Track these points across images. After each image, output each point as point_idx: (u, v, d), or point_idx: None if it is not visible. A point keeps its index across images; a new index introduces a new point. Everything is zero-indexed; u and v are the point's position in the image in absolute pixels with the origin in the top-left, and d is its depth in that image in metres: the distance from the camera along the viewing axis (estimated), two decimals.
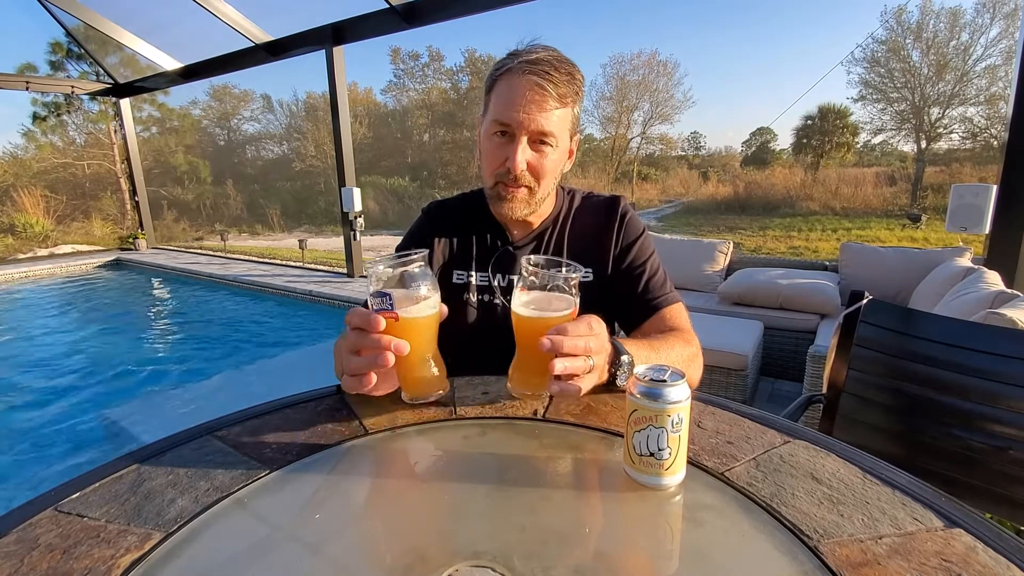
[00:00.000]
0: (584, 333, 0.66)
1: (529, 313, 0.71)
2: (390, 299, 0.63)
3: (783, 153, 21.70)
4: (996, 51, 14.72)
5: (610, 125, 21.26)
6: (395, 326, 0.64)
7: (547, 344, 0.64)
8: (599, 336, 0.69)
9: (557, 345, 0.64)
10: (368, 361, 0.64)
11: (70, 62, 12.26)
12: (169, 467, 0.62)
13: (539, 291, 0.71)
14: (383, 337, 0.63)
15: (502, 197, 0.94)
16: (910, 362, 1.11)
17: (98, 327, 5.59)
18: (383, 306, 0.63)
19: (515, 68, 0.88)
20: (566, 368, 0.65)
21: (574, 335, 0.65)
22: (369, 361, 0.64)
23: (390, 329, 0.64)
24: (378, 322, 0.63)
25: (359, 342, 0.65)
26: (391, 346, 0.63)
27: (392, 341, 0.63)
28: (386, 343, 0.63)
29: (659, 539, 0.52)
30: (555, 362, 0.64)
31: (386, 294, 0.63)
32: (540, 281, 0.71)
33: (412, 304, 0.66)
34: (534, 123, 0.88)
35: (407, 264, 0.67)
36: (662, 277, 1.02)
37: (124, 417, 3.11)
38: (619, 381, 0.74)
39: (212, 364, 4.34)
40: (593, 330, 0.68)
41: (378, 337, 0.63)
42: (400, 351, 0.63)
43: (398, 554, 0.49)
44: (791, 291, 3.24)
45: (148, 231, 9.81)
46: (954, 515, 0.51)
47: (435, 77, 22.26)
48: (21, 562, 0.46)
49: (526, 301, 0.71)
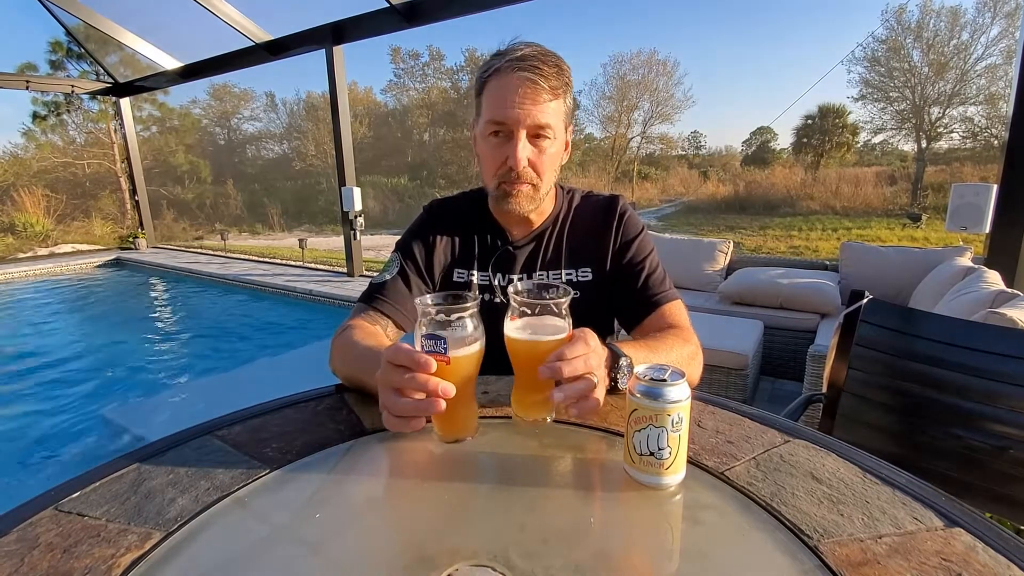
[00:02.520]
0: (581, 352, 0.64)
1: (525, 337, 0.68)
2: (444, 344, 0.61)
3: (783, 152, 21.68)
4: (996, 50, 14.71)
5: (610, 124, 21.26)
6: (443, 369, 0.62)
7: (546, 373, 0.62)
8: (597, 351, 0.67)
9: (557, 372, 0.62)
10: (417, 405, 0.62)
11: (70, 61, 12.27)
12: (169, 466, 0.62)
13: (530, 317, 0.69)
14: (431, 380, 0.61)
15: (507, 194, 0.94)
16: (910, 362, 1.11)
17: (98, 326, 5.60)
18: (436, 349, 0.61)
19: (503, 68, 0.88)
20: (566, 397, 0.63)
21: (572, 356, 0.63)
22: (418, 405, 0.62)
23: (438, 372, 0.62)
24: (429, 365, 0.60)
25: (403, 382, 0.62)
26: (439, 391, 0.61)
27: (440, 385, 0.61)
28: (434, 387, 0.61)
29: (659, 538, 0.52)
30: (553, 392, 0.63)
31: (440, 338, 0.61)
32: (531, 309, 0.69)
33: (463, 347, 0.64)
34: (530, 117, 0.88)
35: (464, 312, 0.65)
36: (661, 275, 1.02)
37: (124, 417, 3.12)
38: (620, 385, 0.74)
39: (212, 363, 4.34)
40: (590, 347, 0.66)
41: (426, 379, 0.61)
42: (447, 394, 0.61)
43: (398, 553, 0.49)
44: (791, 291, 3.24)
45: (148, 230, 9.81)
46: (954, 514, 0.51)
47: (435, 76, 22.24)
48: (21, 561, 0.46)
49: (519, 326, 0.69)
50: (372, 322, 0.95)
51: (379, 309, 0.97)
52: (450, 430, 0.68)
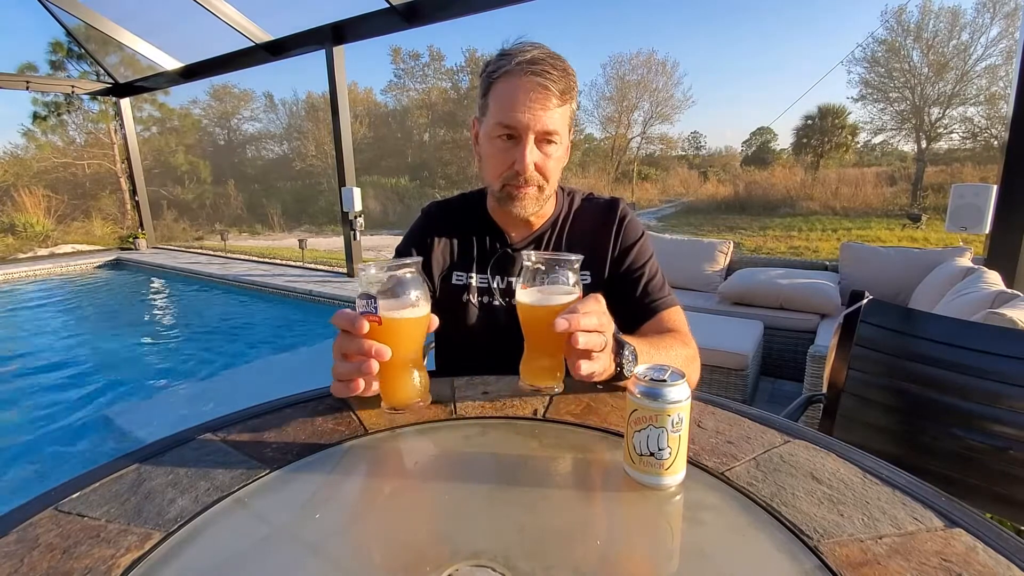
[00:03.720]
0: (595, 308, 0.68)
1: (535, 300, 0.72)
2: (374, 302, 0.62)
3: (783, 153, 21.70)
4: (996, 51, 14.73)
5: (610, 125, 21.30)
6: (378, 330, 0.63)
7: (562, 324, 0.64)
8: (607, 313, 0.71)
9: (573, 322, 0.64)
10: (353, 367, 0.64)
11: (70, 62, 12.28)
12: (169, 467, 0.62)
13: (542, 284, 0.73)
14: (365, 341, 0.62)
15: (512, 197, 0.94)
16: (910, 362, 1.11)
17: (98, 327, 5.60)
18: (367, 309, 0.62)
19: (513, 70, 0.87)
20: (587, 342, 0.65)
21: (585, 311, 0.66)
22: (353, 368, 0.64)
23: (374, 333, 0.63)
24: (361, 325, 0.62)
25: (344, 345, 0.65)
26: (372, 351, 0.62)
27: (373, 345, 0.62)
28: (368, 347, 0.62)
29: (659, 539, 0.52)
30: (577, 335, 0.65)
31: (371, 297, 0.62)
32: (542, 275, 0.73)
33: (397, 309, 0.65)
34: (540, 123, 0.88)
35: (398, 269, 0.66)
36: (660, 280, 1.02)
37: (124, 417, 3.12)
38: (626, 371, 0.75)
39: (212, 364, 4.34)
40: (602, 305, 0.70)
41: (361, 341, 0.62)
42: (381, 356, 0.62)
43: (398, 554, 0.49)
44: (791, 291, 3.23)
45: (148, 231, 9.81)
46: (954, 515, 0.51)
47: (435, 77, 22.25)
48: (21, 562, 0.46)
49: (532, 291, 0.73)
50: None
51: None
52: (389, 396, 0.68)
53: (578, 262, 0.73)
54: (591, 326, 0.66)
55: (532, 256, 0.74)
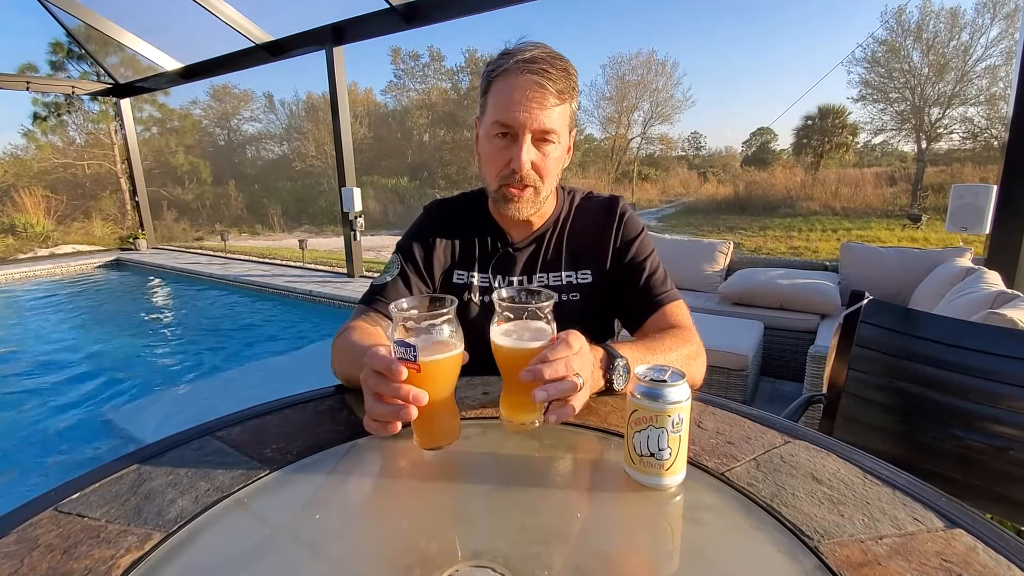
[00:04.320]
0: (563, 355, 0.64)
1: (508, 344, 0.69)
2: (414, 351, 0.61)
3: (783, 153, 21.70)
4: (996, 51, 14.72)
5: (610, 125, 21.29)
6: (416, 376, 0.62)
7: (527, 376, 0.62)
8: (580, 353, 0.67)
9: (538, 375, 0.62)
10: (391, 411, 0.63)
11: (70, 62, 12.27)
12: (169, 467, 0.62)
13: (515, 322, 0.70)
14: (403, 387, 0.61)
15: (508, 199, 0.94)
16: (910, 362, 1.11)
17: (98, 327, 5.59)
18: (406, 356, 0.61)
19: (512, 68, 0.87)
20: (548, 396, 0.63)
21: (554, 359, 0.63)
22: (391, 412, 0.63)
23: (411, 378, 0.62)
24: (400, 372, 0.61)
25: (380, 387, 0.63)
26: (410, 397, 0.61)
27: (411, 392, 0.61)
28: (405, 393, 0.61)
29: (659, 539, 0.52)
30: (535, 392, 0.62)
31: (410, 346, 0.61)
32: (514, 314, 0.70)
33: (435, 353, 0.64)
34: (536, 122, 0.88)
35: (437, 318, 0.65)
36: (662, 275, 1.02)
37: (124, 417, 3.12)
38: (616, 386, 0.74)
39: (212, 364, 4.34)
40: (572, 348, 0.66)
41: (398, 387, 0.61)
42: (418, 402, 0.61)
43: (398, 554, 0.49)
44: (791, 291, 3.23)
45: (148, 231, 9.82)
46: (955, 515, 0.51)
47: (435, 77, 22.27)
48: (21, 562, 0.46)
49: (504, 331, 0.70)
50: (373, 323, 0.95)
51: (380, 311, 0.97)
52: (427, 437, 0.67)
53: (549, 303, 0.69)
54: (557, 375, 0.63)
55: (504, 296, 0.70)
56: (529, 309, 0.69)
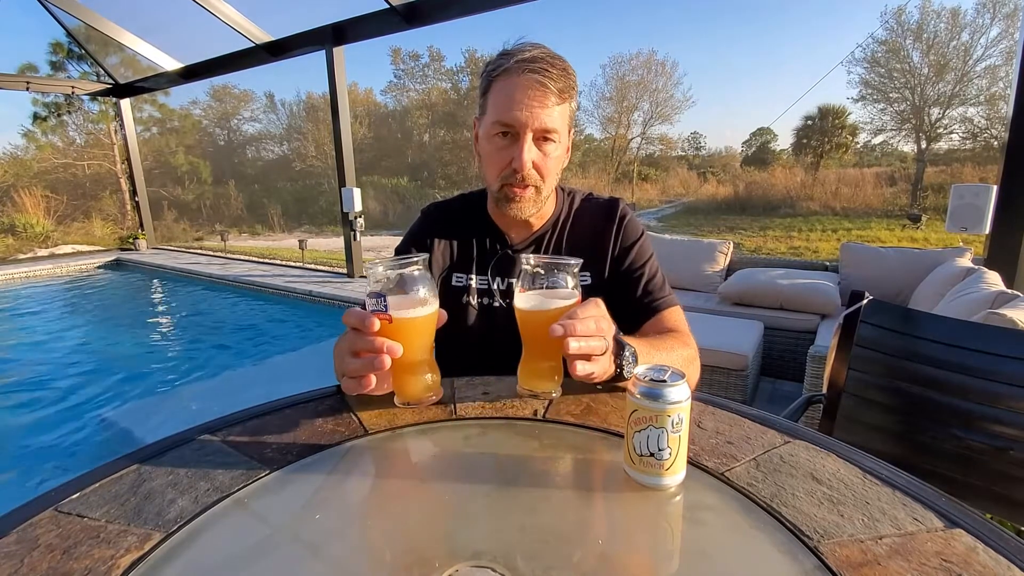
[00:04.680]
0: (593, 313, 0.67)
1: (534, 305, 0.71)
2: (384, 300, 0.63)
3: (783, 153, 21.70)
4: (996, 51, 14.73)
5: (610, 125, 21.30)
6: (389, 328, 0.64)
7: (558, 330, 0.63)
8: (607, 317, 0.70)
9: (569, 329, 0.63)
10: (364, 364, 0.64)
11: (71, 62, 12.27)
12: (169, 467, 0.62)
13: (540, 288, 0.72)
14: (377, 339, 0.63)
15: (509, 199, 0.94)
16: (910, 362, 1.11)
17: (98, 327, 5.59)
18: (377, 307, 0.63)
19: (512, 68, 0.87)
20: (580, 348, 0.64)
21: (584, 316, 0.65)
22: (365, 364, 0.64)
23: (384, 331, 0.64)
24: (372, 323, 0.62)
25: (355, 343, 0.65)
26: (384, 348, 0.63)
27: (385, 343, 0.63)
28: (379, 345, 0.63)
29: (659, 539, 0.52)
30: (569, 340, 0.64)
31: (381, 295, 0.63)
32: (541, 279, 0.72)
33: (407, 307, 0.66)
34: (537, 121, 0.88)
35: (406, 267, 0.67)
36: (661, 280, 1.02)
37: (124, 417, 3.12)
38: (626, 372, 0.75)
39: (212, 364, 4.34)
40: (601, 309, 0.69)
41: (372, 338, 0.63)
42: (393, 352, 0.63)
43: (398, 554, 0.49)
44: (791, 291, 3.23)
45: (148, 231, 9.81)
46: (954, 515, 0.51)
47: (435, 77, 22.27)
48: (21, 562, 0.46)
49: (528, 296, 0.72)
50: None
51: None
52: (403, 391, 0.69)
53: (577, 266, 0.72)
54: (588, 331, 0.65)
55: (531, 260, 0.73)
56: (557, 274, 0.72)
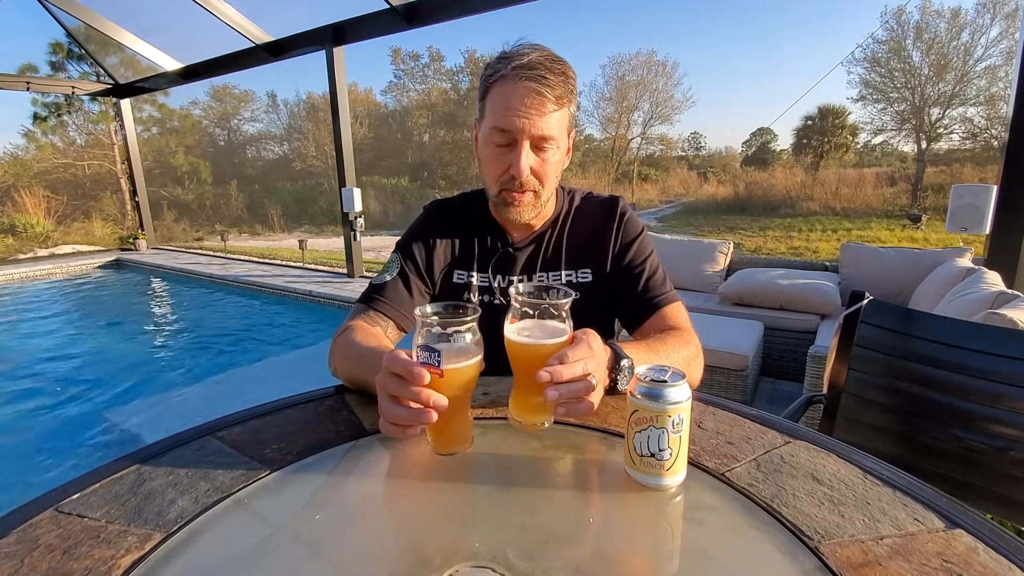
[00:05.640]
0: (583, 356, 0.64)
1: (524, 340, 0.67)
2: (438, 356, 0.60)
3: (783, 153, 21.70)
4: (996, 51, 14.72)
5: (610, 125, 21.30)
6: (437, 381, 0.62)
7: (545, 376, 0.61)
8: (597, 355, 0.66)
9: (556, 376, 0.61)
10: (410, 415, 0.62)
11: (70, 62, 12.27)
12: (169, 467, 0.62)
13: (531, 319, 0.69)
14: (424, 391, 0.61)
15: (508, 203, 0.94)
16: (910, 362, 1.11)
17: (98, 327, 5.59)
18: (430, 361, 0.61)
19: (509, 75, 0.87)
20: (560, 396, 0.62)
21: (572, 361, 0.63)
22: (411, 415, 0.62)
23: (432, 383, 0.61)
24: (422, 376, 0.60)
25: (397, 389, 0.62)
26: (431, 402, 0.61)
27: (432, 396, 0.61)
28: (426, 398, 0.60)
29: (660, 539, 0.52)
30: (548, 391, 0.62)
31: (436, 351, 0.61)
32: (532, 309, 0.68)
33: (456, 360, 0.63)
34: (535, 128, 0.87)
35: (462, 324, 0.64)
36: (661, 276, 1.02)
37: (124, 417, 3.12)
38: (620, 386, 0.74)
39: (212, 364, 4.34)
40: (592, 350, 0.65)
41: (419, 391, 0.60)
42: (439, 407, 0.61)
43: (398, 554, 0.49)
44: (791, 291, 3.23)
45: (148, 231, 9.82)
46: (955, 516, 0.51)
47: (435, 77, 22.28)
48: (21, 562, 0.46)
49: (519, 328, 0.68)
50: (372, 323, 0.95)
51: (379, 310, 0.97)
52: (443, 442, 0.67)
53: (568, 301, 0.68)
54: (574, 375, 0.63)
55: (521, 292, 0.69)
56: (547, 306, 0.68)
